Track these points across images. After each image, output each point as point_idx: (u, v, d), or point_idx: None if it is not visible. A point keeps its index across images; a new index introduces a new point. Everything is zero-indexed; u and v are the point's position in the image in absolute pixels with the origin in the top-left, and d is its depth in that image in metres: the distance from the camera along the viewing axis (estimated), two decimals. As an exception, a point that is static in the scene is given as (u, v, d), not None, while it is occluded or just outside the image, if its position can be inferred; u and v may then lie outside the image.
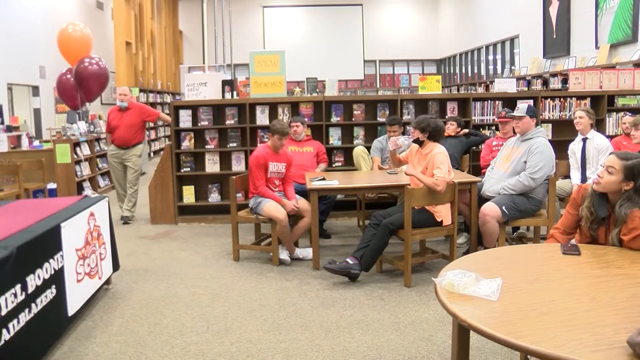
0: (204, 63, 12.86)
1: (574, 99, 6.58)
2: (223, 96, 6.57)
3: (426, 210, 4.27)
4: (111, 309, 3.83)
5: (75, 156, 7.75)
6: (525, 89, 11.29)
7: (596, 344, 1.63)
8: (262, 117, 6.48)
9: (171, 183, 6.39)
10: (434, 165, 4.18)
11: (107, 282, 4.19)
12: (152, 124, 14.07)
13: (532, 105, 5.71)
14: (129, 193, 6.65)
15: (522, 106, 4.56)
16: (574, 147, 5.27)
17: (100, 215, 3.97)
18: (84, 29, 8.73)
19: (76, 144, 7.89)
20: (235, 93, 6.75)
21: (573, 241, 2.78)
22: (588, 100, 6.54)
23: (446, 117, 6.09)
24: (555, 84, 10.07)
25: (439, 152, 4.25)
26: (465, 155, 5.88)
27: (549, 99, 6.63)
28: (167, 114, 7.11)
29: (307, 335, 3.34)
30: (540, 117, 6.51)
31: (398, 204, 5.05)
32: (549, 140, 4.67)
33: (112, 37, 13.23)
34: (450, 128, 5.85)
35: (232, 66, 14.11)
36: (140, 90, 13.59)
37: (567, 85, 7.20)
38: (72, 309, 3.38)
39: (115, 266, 4.28)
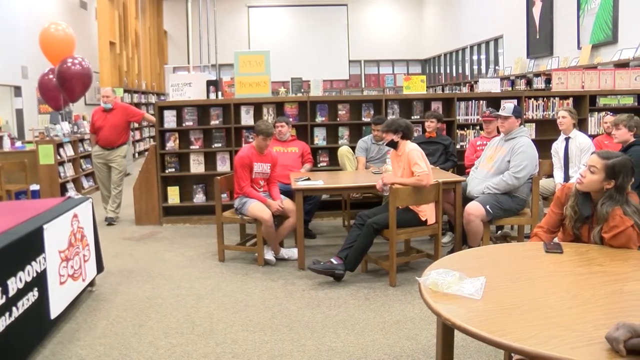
0: (188, 63, 12.79)
1: (557, 98, 6.64)
2: (208, 96, 6.54)
3: (411, 210, 4.29)
4: (95, 311, 3.79)
5: (59, 157, 7.65)
6: (510, 88, 11.36)
7: (577, 340, 1.65)
8: (246, 118, 6.46)
9: (156, 184, 6.34)
10: (412, 162, 4.21)
11: (91, 284, 4.14)
12: (136, 125, 13.95)
13: (517, 104, 5.76)
14: (114, 194, 6.59)
15: (509, 106, 4.59)
16: (557, 147, 5.30)
17: (84, 216, 3.92)
18: (67, 28, 8.63)
19: (59, 145, 7.79)
20: (220, 93, 6.72)
21: (556, 239, 2.81)
22: (571, 100, 6.61)
23: (426, 114, 6.07)
24: (539, 83, 10.14)
25: (412, 149, 4.28)
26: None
27: (532, 99, 6.68)
28: (152, 115, 7.07)
29: (293, 336, 3.34)
30: (524, 116, 6.56)
31: (383, 204, 5.06)
32: (533, 140, 4.71)
33: (95, 37, 13.06)
34: (431, 126, 5.80)
35: (217, 66, 14.03)
36: (125, 91, 13.45)
37: (550, 85, 7.26)
38: (55, 312, 3.34)
39: (100, 268, 4.24)
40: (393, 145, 4.40)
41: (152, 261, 5.00)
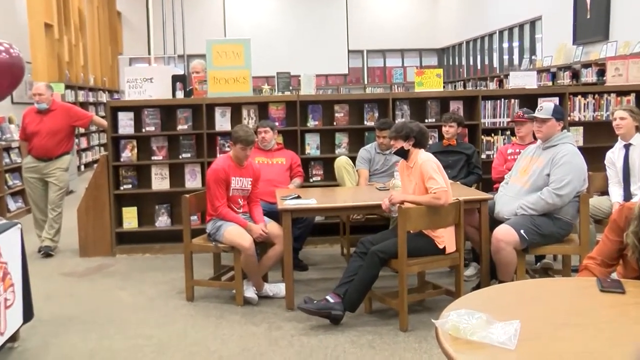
0: (149, 54, 12.82)
1: (613, 95, 6.64)
2: (174, 95, 6.54)
3: (425, 235, 4.29)
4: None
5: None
6: (550, 83, 11.37)
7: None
8: (222, 121, 6.46)
9: (107, 204, 6.31)
10: (426, 177, 4.21)
11: (13, 338, 3.95)
12: (82, 130, 13.80)
13: (559, 104, 5.77)
14: (51, 217, 6.51)
15: (547, 106, 4.58)
16: (614, 156, 5.21)
17: (8, 247, 3.76)
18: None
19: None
20: (189, 91, 6.72)
21: (614, 275, 2.77)
22: (632, 97, 6.56)
23: (443, 116, 6.09)
24: (589, 76, 10.10)
25: (425, 160, 4.28)
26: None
27: (579, 96, 6.69)
28: (103, 117, 7.05)
29: (279, 394, 3.31)
30: (569, 118, 6.59)
31: (390, 228, 5.05)
32: (580, 148, 4.71)
33: (25, 17, 12.23)
34: (450, 132, 5.83)
35: (185, 58, 14.11)
36: (67, 87, 13.13)
37: (604, 78, 7.25)
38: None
39: (27, 316, 4.04)
40: (403, 154, 4.41)
41: (99, 303, 4.95)
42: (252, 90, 6.62)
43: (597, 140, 6.56)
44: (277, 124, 6.25)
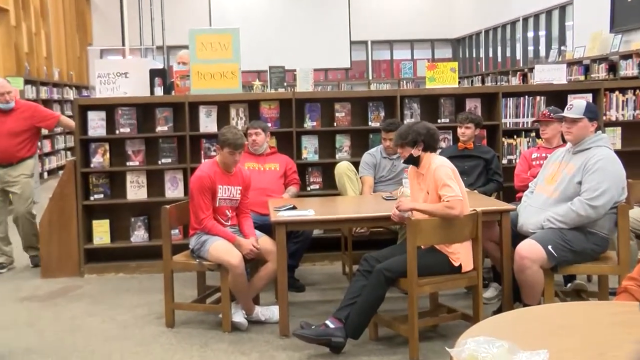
0: (123, 44, 12.82)
1: (657, 90, 6.65)
2: (152, 92, 6.55)
3: (438, 251, 4.28)
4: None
5: None
6: (582, 77, 11.38)
7: None
8: (207, 122, 6.47)
9: (75, 216, 6.30)
10: (440, 184, 4.21)
11: None
12: (46, 131, 13.69)
13: (592, 102, 5.76)
14: (26, 227, 6.50)
15: (578, 104, 4.57)
16: None
17: None
18: None
19: None
20: (169, 87, 6.72)
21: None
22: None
23: (458, 116, 6.09)
24: (629, 69, 10.09)
25: (439, 166, 4.27)
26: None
27: (617, 92, 6.70)
28: (70, 117, 7.03)
29: None
30: (604, 117, 6.59)
31: (398, 242, 5.05)
32: (617, 152, 4.71)
33: None
34: (466, 134, 5.83)
35: (165, 50, 14.11)
36: (26, 82, 12.93)
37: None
38: None
39: None
40: (413, 161, 4.40)
41: (64, 332, 4.92)
42: (242, 86, 6.63)
43: (638, 143, 6.56)
44: (269, 125, 6.25)
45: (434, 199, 4.26)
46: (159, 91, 6.58)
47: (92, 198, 6.42)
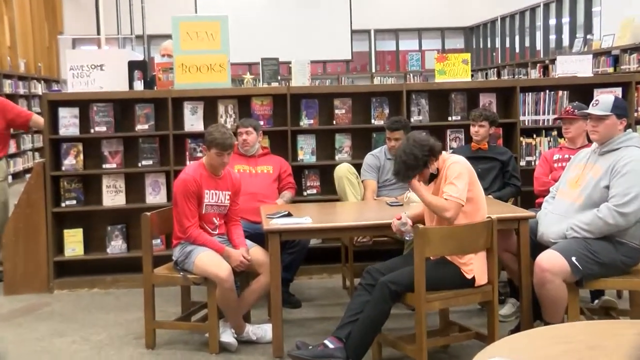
0: (98, 33, 12.81)
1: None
2: (131, 87, 6.55)
3: (449, 263, 4.28)
4: None
5: None
6: (610, 70, 11.35)
7: None
8: (192, 120, 6.48)
9: (44, 225, 6.29)
10: (447, 180, 4.23)
11: None
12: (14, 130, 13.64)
13: (621, 97, 5.75)
14: None
15: (605, 99, 4.56)
16: None
17: None
18: None
19: None
20: (150, 81, 6.71)
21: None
22: None
23: (471, 113, 6.07)
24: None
25: (454, 162, 4.29)
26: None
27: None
28: (38, 114, 7.01)
29: None
30: (635, 114, 6.61)
31: (405, 253, 5.05)
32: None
33: None
34: (480, 133, 5.84)
35: (146, 39, 14.10)
36: None
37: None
38: None
39: None
40: (435, 175, 4.39)
41: (29, 355, 4.90)
42: (231, 80, 6.63)
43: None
44: (262, 123, 6.26)
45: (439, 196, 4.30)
46: (138, 85, 6.56)
47: (63, 205, 6.40)
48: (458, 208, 4.17)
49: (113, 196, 6.47)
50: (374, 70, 19.86)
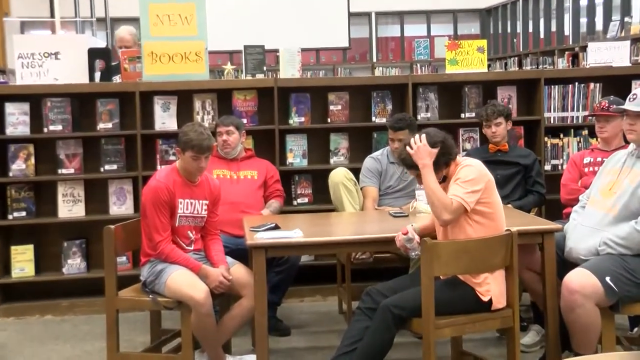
0: (52, 16, 12.77)
1: None
2: (92, 78, 6.54)
3: (462, 283, 4.30)
4: None
5: None
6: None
7: None
8: (164, 118, 6.49)
9: (-12, 240, 6.32)
10: (456, 182, 4.26)
11: None
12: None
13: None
14: None
15: None
16: None
17: None
18: None
19: None
20: (113, 68, 6.71)
21: None
22: None
23: (485, 108, 6.01)
24: None
25: (466, 165, 4.31)
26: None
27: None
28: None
29: None
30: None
31: (410, 272, 5.06)
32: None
33: None
34: (498, 132, 5.84)
35: (109, 23, 14.05)
36: None
37: None
38: None
39: None
40: (443, 181, 4.39)
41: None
42: (209, 72, 6.64)
43: None
44: (245, 121, 6.28)
45: None
46: (100, 77, 6.57)
47: (10, 217, 6.39)
48: (459, 212, 4.18)
49: (70, 207, 6.45)
50: (375, 60, 19.84)
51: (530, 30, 17.18)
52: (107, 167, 6.46)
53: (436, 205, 4.21)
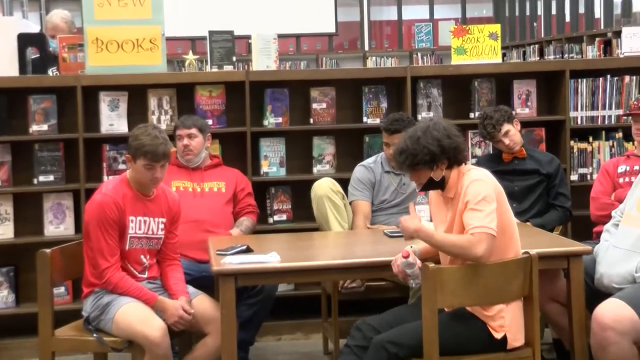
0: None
1: None
2: (23, 70, 6.54)
3: (471, 316, 4.32)
4: None
5: None
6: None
7: None
8: (112, 118, 6.48)
9: None
10: (468, 205, 4.20)
11: None
12: None
13: None
14: None
15: None
16: None
17: None
18: None
19: None
20: (50, 63, 6.72)
21: None
22: None
23: (482, 126, 6.00)
24: None
25: (474, 180, 4.26)
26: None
27: None
28: None
29: None
30: None
31: (410, 303, 5.09)
32: None
33: None
34: (514, 138, 5.86)
35: (43, 3, 14.09)
36: None
37: None
38: None
39: None
40: (437, 186, 4.41)
41: None
42: (167, 62, 6.65)
43: None
44: (210, 122, 6.29)
45: (459, 229, 4.29)
46: (34, 69, 6.59)
47: None
48: (489, 241, 4.10)
49: (-4, 226, 6.47)
50: (367, 48, 19.91)
51: (554, 12, 17.26)
52: (41, 178, 6.42)
53: (462, 254, 4.15)
